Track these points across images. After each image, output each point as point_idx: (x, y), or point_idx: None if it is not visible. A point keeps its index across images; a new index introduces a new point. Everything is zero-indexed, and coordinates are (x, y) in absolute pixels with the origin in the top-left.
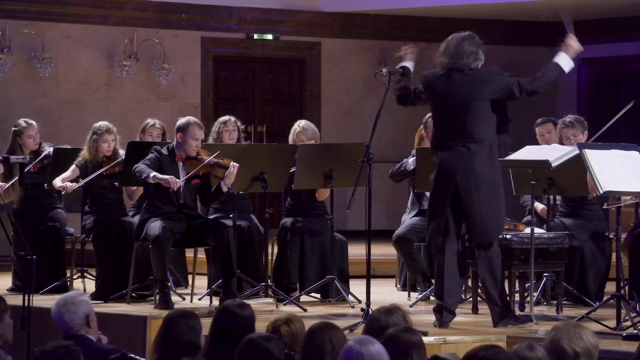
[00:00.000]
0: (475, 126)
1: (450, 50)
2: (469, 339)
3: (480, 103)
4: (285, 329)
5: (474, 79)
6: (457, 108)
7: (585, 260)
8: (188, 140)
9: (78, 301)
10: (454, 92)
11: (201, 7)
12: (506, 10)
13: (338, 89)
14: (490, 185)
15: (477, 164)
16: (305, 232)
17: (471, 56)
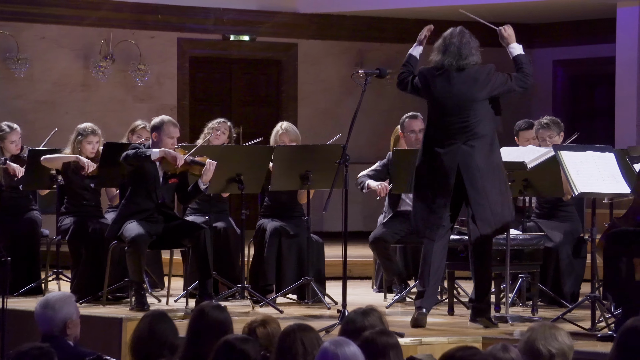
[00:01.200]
0: (476, 125)
1: (451, 49)
2: (444, 340)
3: (480, 102)
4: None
5: (474, 80)
6: (457, 108)
7: (560, 262)
8: (164, 139)
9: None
10: (454, 92)
11: (177, 8)
12: (483, 12)
13: (315, 90)
14: (496, 175)
15: (479, 159)
16: (282, 234)
17: (470, 56)
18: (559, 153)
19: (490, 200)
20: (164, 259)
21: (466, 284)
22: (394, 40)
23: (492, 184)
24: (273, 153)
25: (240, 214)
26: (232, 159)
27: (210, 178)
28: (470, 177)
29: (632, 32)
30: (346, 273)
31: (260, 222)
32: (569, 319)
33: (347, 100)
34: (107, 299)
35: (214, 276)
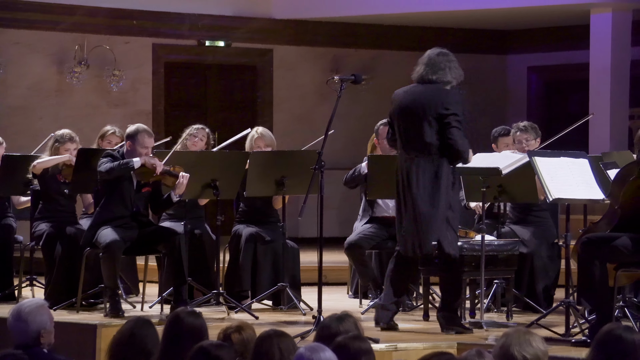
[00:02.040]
0: (423, 137)
1: (427, 62)
2: (419, 346)
3: (427, 117)
4: (236, 337)
5: (433, 92)
6: (409, 119)
7: (535, 267)
8: (137, 149)
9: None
10: (412, 102)
11: (152, 13)
12: (458, 19)
13: (290, 96)
14: (433, 194)
15: (421, 174)
16: (257, 240)
17: (440, 72)
18: (533, 159)
19: (420, 221)
20: (139, 265)
21: None
22: (370, 46)
23: (425, 205)
24: (248, 159)
25: (215, 220)
26: (207, 165)
27: (182, 191)
28: (413, 193)
29: (606, 38)
30: (321, 279)
31: (236, 228)
32: (543, 324)
33: (323, 106)
34: (81, 306)
35: (189, 282)
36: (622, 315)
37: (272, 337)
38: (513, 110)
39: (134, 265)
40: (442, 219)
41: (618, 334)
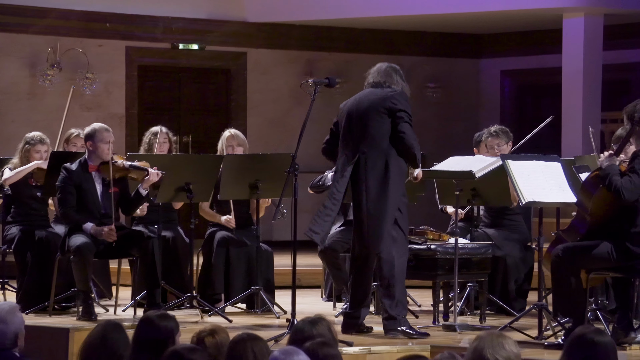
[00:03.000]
0: (369, 138)
1: (377, 70)
2: (393, 349)
3: (375, 113)
4: (210, 340)
5: (378, 94)
6: (358, 118)
7: (508, 270)
8: (99, 145)
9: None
10: (358, 104)
11: (126, 16)
12: (432, 23)
13: (264, 99)
14: (380, 192)
15: (370, 175)
16: (231, 243)
17: (389, 78)
18: (506, 162)
19: (365, 223)
20: (112, 269)
21: (415, 293)
22: (343, 50)
23: (371, 207)
24: (222, 162)
25: (189, 223)
26: (181, 168)
27: (149, 184)
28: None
29: (578, 42)
30: (295, 282)
31: (210, 231)
32: (516, 327)
33: (297, 110)
34: (53, 309)
35: (163, 285)
36: (594, 318)
37: (246, 340)
38: (486, 114)
39: (107, 269)
40: (387, 221)
41: (590, 338)
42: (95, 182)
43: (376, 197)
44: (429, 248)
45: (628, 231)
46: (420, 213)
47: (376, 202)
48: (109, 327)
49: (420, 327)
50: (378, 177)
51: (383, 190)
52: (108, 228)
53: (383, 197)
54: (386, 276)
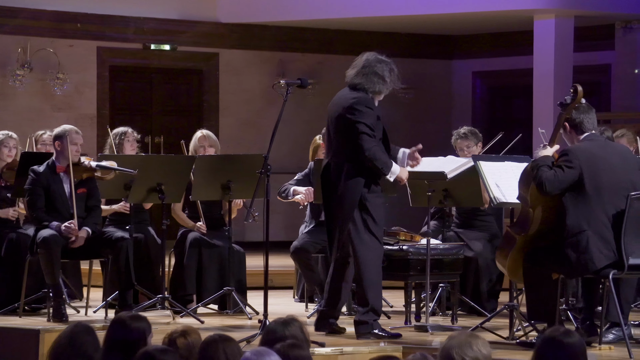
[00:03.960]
0: (336, 144)
1: (355, 66)
2: (365, 350)
3: (336, 121)
4: (181, 341)
5: (344, 100)
6: (331, 121)
7: (479, 271)
8: (68, 146)
9: None
10: (333, 106)
11: (97, 16)
12: (404, 24)
13: (236, 100)
14: (350, 200)
15: (338, 181)
16: (203, 244)
17: (370, 79)
18: (478, 163)
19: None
20: (83, 270)
21: (387, 294)
22: (316, 51)
23: (342, 213)
24: (194, 163)
25: (161, 224)
26: (152, 169)
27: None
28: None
29: (549, 44)
30: (267, 283)
31: (182, 232)
32: (487, 327)
33: (269, 110)
34: (24, 311)
35: (135, 286)
36: (565, 318)
37: (218, 341)
38: (458, 115)
39: (78, 270)
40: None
41: (560, 339)
42: (63, 183)
43: (345, 203)
44: (401, 249)
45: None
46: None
47: (345, 208)
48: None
49: (392, 328)
50: (346, 183)
51: (351, 195)
52: (68, 223)
53: (351, 202)
54: (359, 281)
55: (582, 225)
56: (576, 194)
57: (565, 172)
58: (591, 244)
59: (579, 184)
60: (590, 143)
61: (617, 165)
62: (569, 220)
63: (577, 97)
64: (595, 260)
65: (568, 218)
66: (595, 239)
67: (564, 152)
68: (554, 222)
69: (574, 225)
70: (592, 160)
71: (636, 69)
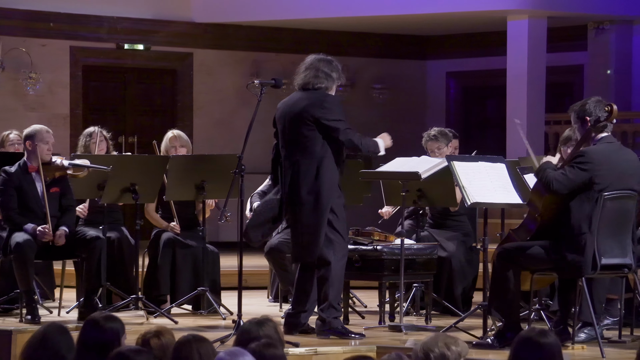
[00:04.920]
0: (304, 142)
1: (305, 71)
2: (339, 350)
3: (305, 121)
4: (155, 342)
5: (310, 98)
6: (290, 124)
7: (453, 271)
8: (40, 146)
9: None
10: (290, 109)
11: (70, 16)
12: (378, 24)
13: (210, 100)
14: (314, 200)
15: (302, 183)
16: (177, 244)
17: (319, 78)
18: (451, 163)
19: (299, 231)
20: (56, 270)
21: (361, 294)
22: (290, 51)
23: (305, 213)
24: (168, 163)
25: (134, 224)
26: (126, 169)
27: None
28: (292, 200)
29: (522, 44)
30: (242, 283)
31: (155, 232)
32: (461, 327)
33: (243, 111)
34: None
35: (108, 287)
36: (538, 318)
37: (191, 342)
38: (432, 115)
39: (51, 270)
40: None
41: (535, 340)
42: (35, 183)
43: (309, 205)
44: (375, 249)
45: (561, 232)
46: (366, 214)
47: (310, 211)
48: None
49: (367, 328)
50: (310, 185)
51: (316, 198)
52: (42, 227)
53: (316, 204)
54: (322, 279)
55: (582, 227)
56: (583, 196)
57: (576, 173)
58: (588, 247)
59: (588, 186)
60: (607, 146)
61: (625, 171)
62: (572, 220)
63: (612, 116)
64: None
65: (572, 218)
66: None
67: (580, 153)
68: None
69: (575, 226)
70: (605, 164)
71: (608, 70)
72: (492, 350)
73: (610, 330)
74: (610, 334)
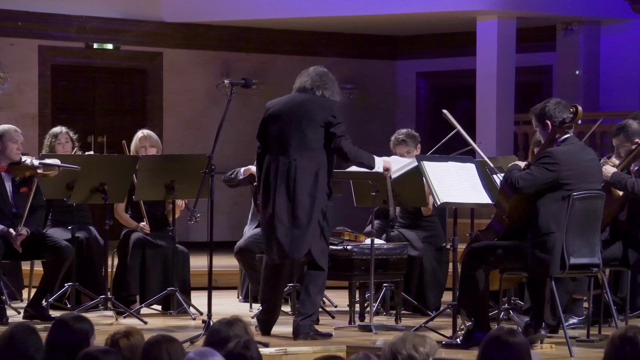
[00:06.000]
0: (303, 147)
1: (312, 74)
2: (309, 350)
3: (312, 124)
4: (124, 342)
5: (315, 101)
6: (295, 124)
7: (424, 271)
8: (8, 145)
9: None
10: (295, 109)
11: (39, 15)
12: (348, 24)
13: (180, 100)
14: (310, 200)
15: (299, 183)
16: (146, 244)
17: (325, 86)
18: (422, 163)
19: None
20: (24, 270)
21: (331, 294)
22: (260, 51)
23: (301, 212)
24: (137, 163)
25: (103, 224)
26: (95, 169)
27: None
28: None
29: (492, 45)
30: (211, 283)
31: (125, 232)
32: (431, 327)
33: (213, 110)
34: None
35: (77, 287)
36: (507, 317)
37: (161, 342)
38: (402, 115)
39: (19, 270)
40: (315, 227)
41: (504, 339)
42: (5, 182)
43: (305, 206)
44: (345, 249)
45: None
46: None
47: (305, 210)
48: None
49: (337, 328)
50: (308, 186)
51: (312, 198)
52: (18, 233)
53: (312, 205)
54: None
55: (550, 226)
56: (550, 196)
57: (543, 172)
58: (556, 247)
59: (554, 187)
60: (572, 147)
61: (588, 171)
62: (540, 220)
63: (577, 117)
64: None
65: (539, 218)
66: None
67: (546, 154)
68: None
69: (543, 226)
70: (570, 164)
71: (577, 70)
72: (461, 349)
73: (577, 330)
74: (578, 333)
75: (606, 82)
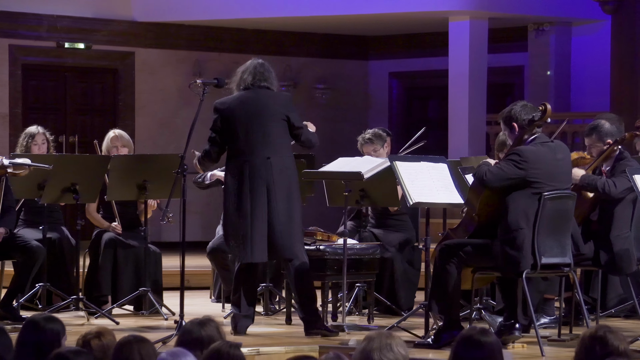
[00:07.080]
0: (272, 144)
1: (254, 71)
2: (282, 350)
3: (274, 119)
4: (96, 343)
5: (269, 96)
6: (259, 121)
7: (395, 271)
8: None
9: None
10: (254, 107)
11: (9, 14)
12: (320, 24)
13: (152, 100)
14: (289, 196)
15: (277, 180)
16: (118, 244)
17: (272, 79)
18: (394, 163)
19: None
20: None
21: None
22: (232, 51)
23: (281, 209)
24: (109, 163)
25: (75, 224)
26: (67, 169)
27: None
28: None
29: (464, 45)
30: (184, 283)
31: (97, 232)
32: (403, 327)
33: (185, 110)
34: None
35: (48, 287)
36: (479, 317)
37: (132, 342)
38: (374, 115)
39: None
40: (297, 224)
41: (476, 339)
42: None
43: (286, 202)
44: (318, 249)
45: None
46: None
47: (286, 208)
48: None
49: None
50: (286, 182)
51: (291, 194)
52: None
53: (292, 201)
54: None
55: (520, 223)
56: (519, 193)
57: (511, 169)
58: (526, 243)
59: (522, 185)
60: (541, 146)
61: (557, 170)
62: (509, 217)
63: (546, 115)
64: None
65: (509, 215)
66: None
67: (516, 152)
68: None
69: (512, 222)
70: (539, 163)
71: (548, 71)
72: (432, 349)
73: (548, 329)
74: (549, 332)
75: (577, 83)
